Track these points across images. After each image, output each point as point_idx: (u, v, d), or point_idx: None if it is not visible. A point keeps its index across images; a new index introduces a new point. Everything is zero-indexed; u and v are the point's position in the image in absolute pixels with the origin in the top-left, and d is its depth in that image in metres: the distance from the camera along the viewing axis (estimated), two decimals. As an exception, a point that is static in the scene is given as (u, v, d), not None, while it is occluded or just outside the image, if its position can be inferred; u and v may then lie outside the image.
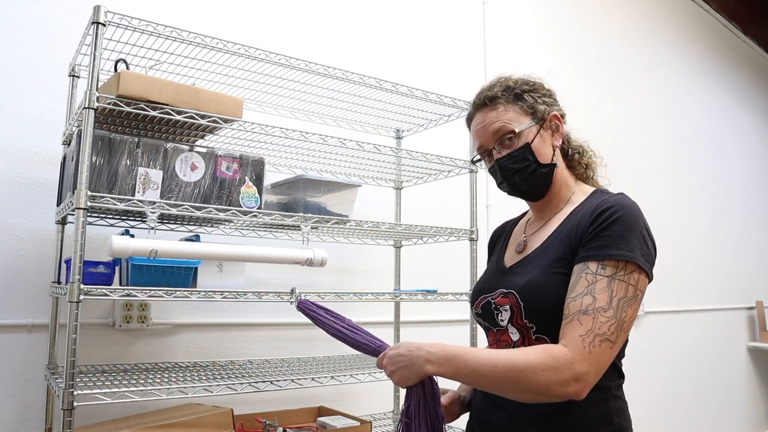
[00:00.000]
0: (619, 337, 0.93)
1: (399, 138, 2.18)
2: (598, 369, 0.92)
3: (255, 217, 1.46)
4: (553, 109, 1.14)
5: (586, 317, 0.92)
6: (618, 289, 0.93)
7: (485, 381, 0.95)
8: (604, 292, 0.93)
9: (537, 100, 1.13)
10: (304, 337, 2.07)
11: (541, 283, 1.04)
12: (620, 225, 0.98)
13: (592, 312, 0.92)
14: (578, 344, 0.91)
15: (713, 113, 4.49)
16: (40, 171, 1.63)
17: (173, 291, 1.32)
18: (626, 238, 0.96)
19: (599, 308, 0.92)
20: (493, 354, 0.95)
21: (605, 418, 1.03)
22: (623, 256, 0.95)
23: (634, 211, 1.00)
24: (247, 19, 2.07)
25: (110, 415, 1.60)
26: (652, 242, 1.01)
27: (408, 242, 2.19)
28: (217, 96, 1.41)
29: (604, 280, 0.94)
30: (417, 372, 0.99)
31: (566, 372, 0.90)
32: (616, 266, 0.95)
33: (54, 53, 1.68)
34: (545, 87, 1.18)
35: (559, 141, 1.14)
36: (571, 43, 3.34)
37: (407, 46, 2.53)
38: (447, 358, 0.98)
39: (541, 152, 1.11)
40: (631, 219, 0.99)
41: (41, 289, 1.60)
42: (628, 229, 0.97)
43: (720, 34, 4.73)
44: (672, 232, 3.88)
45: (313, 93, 1.77)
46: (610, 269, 0.95)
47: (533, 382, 0.91)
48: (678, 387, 3.73)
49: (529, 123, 1.11)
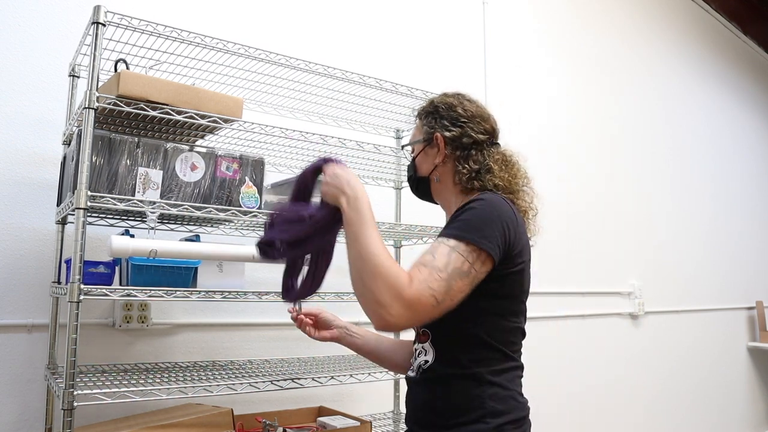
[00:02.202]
0: (443, 302, 1.01)
1: (399, 138, 2.18)
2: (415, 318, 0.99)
3: (255, 217, 1.46)
4: (438, 131, 1.25)
5: (425, 269, 1.01)
6: (455, 260, 1.02)
7: (354, 250, 1.04)
8: (444, 256, 1.03)
9: (429, 122, 1.28)
10: (304, 337, 2.05)
11: None
12: (471, 211, 1.09)
13: (430, 267, 1.01)
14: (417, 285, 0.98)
15: (713, 113, 4.49)
16: (40, 171, 1.63)
17: (173, 291, 1.32)
18: (472, 223, 1.06)
19: (435, 267, 1.01)
20: (379, 240, 1.03)
21: (477, 401, 1.09)
22: (464, 237, 1.04)
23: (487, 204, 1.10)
24: (247, 19, 2.07)
25: (110, 415, 1.60)
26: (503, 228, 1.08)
27: (408, 242, 2.19)
28: (217, 96, 1.41)
29: (446, 247, 1.04)
30: (333, 194, 1.11)
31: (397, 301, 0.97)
32: (458, 243, 1.04)
33: (54, 53, 1.68)
34: (449, 109, 1.26)
35: (440, 159, 1.25)
36: (571, 43, 3.34)
37: (407, 46, 2.53)
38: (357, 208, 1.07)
39: (420, 166, 1.29)
40: (481, 208, 1.09)
41: (41, 289, 1.60)
42: (475, 213, 1.08)
43: (720, 34, 4.73)
44: (672, 232, 3.89)
45: (313, 93, 1.77)
46: (453, 242, 1.04)
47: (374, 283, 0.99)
48: (678, 387, 3.73)
49: (418, 140, 1.30)
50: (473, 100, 1.30)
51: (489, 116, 1.27)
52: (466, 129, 1.24)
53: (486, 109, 1.29)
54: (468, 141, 1.23)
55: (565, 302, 3.05)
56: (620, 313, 3.38)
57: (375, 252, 1.01)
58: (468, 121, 1.24)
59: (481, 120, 1.25)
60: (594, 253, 3.28)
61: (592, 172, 3.34)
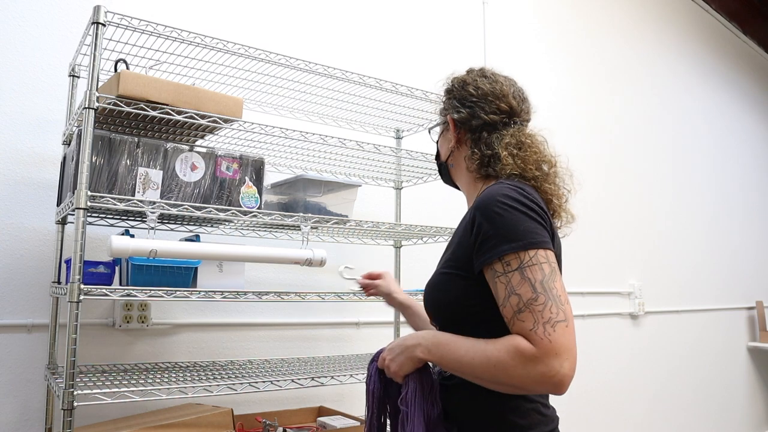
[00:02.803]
0: (566, 313, 0.91)
1: (399, 138, 2.18)
2: (569, 354, 0.88)
3: (255, 217, 1.46)
4: (450, 113, 1.18)
5: (524, 314, 0.91)
6: (534, 275, 0.92)
7: (466, 371, 0.96)
8: (522, 284, 0.92)
9: (444, 103, 1.22)
10: (304, 337, 2.07)
11: (433, 283, 1.10)
12: (497, 219, 0.97)
13: (525, 307, 0.91)
14: (535, 338, 0.88)
15: (713, 113, 4.49)
16: (40, 171, 1.63)
17: (173, 291, 1.32)
18: (509, 228, 0.96)
19: (529, 300, 0.91)
20: (472, 344, 0.95)
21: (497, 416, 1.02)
22: (516, 247, 0.94)
23: (500, 200, 0.99)
24: (247, 19, 2.07)
25: (110, 415, 1.60)
26: (536, 216, 0.99)
27: (408, 242, 2.19)
28: (217, 96, 1.41)
29: (516, 274, 0.93)
30: (409, 356, 1.03)
31: (537, 367, 0.87)
32: (518, 257, 0.94)
33: (54, 53, 1.68)
34: (461, 89, 1.18)
35: (453, 143, 1.19)
36: (571, 43, 3.34)
37: (407, 46, 2.53)
38: (435, 344, 1.00)
39: (441, 151, 1.24)
40: (501, 209, 0.97)
41: (41, 289, 1.60)
42: (505, 219, 0.97)
43: (720, 34, 4.73)
44: (672, 232, 3.88)
45: (313, 93, 1.77)
46: (515, 262, 0.94)
47: (507, 377, 0.90)
48: (678, 387, 3.73)
49: (438, 122, 1.25)
50: (492, 75, 1.18)
51: (506, 94, 1.15)
52: (475, 110, 1.14)
53: (507, 85, 1.17)
54: (477, 123, 1.14)
55: (565, 302, 3.04)
56: (620, 313, 3.38)
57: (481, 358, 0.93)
58: (479, 100, 1.14)
59: (494, 98, 1.14)
60: (594, 253, 3.28)
61: (592, 171, 3.34)
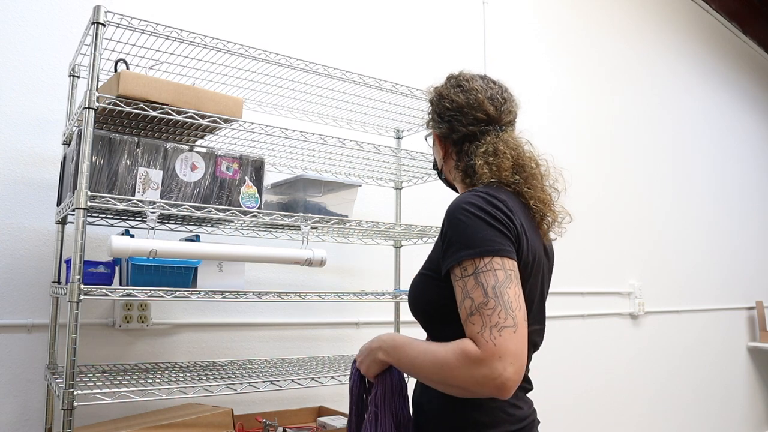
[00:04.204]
0: (516, 319, 0.90)
1: (399, 138, 2.18)
2: (513, 359, 0.88)
3: (255, 217, 1.46)
4: (434, 128, 1.20)
5: (474, 317, 0.92)
6: (487, 280, 0.93)
7: (419, 373, 0.98)
8: (476, 289, 0.94)
9: (430, 115, 1.22)
10: (304, 337, 2.07)
11: (414, 283, 1.13)
12: (459, 225, 0.99)
13: (476, 310, 0.92)
14: (481, 340, 0.90)
15: (713, 113, 4.49)
16: (40, 171, 1.63)
17: (173, 291, 1.32)
18: (468, 235, 0.97)
19: (480, 304, 0.92)
20: (425, 346, 0.97)
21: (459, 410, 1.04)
22: (472, 254, 0.96)
23: (463, 208, 1.00)
24: (247, 19, 2.07)
25: (110, 415, 1.60)
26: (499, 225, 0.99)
27: (408, 242, 2.19)
28: (217, 96, 1.41)
29: (471, 279, 0.95)
30: (373, 359, 1.08)
31: (480, 369, 0.88)
32: (474, 263, 0.95)
33: (54, 53, 1.68)
34: (438, 103, 1.19)
35: (440, 155, 1.21)
36: (571, 43, 3.34)
37: (407, 46, 2.53)
38: (394, 346, 1.03)
39: (436, 159, 1.25)
40: (464, 216, 0.99)
41: (41, 289, 1.60)
42: (466, 226, 0.98)
43: (720, 34, 4.73)
44: (672, 231, 3.88)
45: (313, 93, 1.77)
46: (471, 267, 0.96)
47: (453, 378, 0.91)
48: (678, 387, 3.73)
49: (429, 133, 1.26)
50: (467, 82, 1.16)
51: (481, 102, 1.13)
52: (453, 123, 1.15)
53: (482, 91, 1.15)
54: (457, 136, 1.15)
55: (565, 302, 3.05)
56: (620, 313, 3.38)
57: (431, 359, 0.94)
58: (456, 114, 1.14)
59: (470, 109, 1.13)
60: (594, 253, 3.28)
61: (591, 171, 3.34)
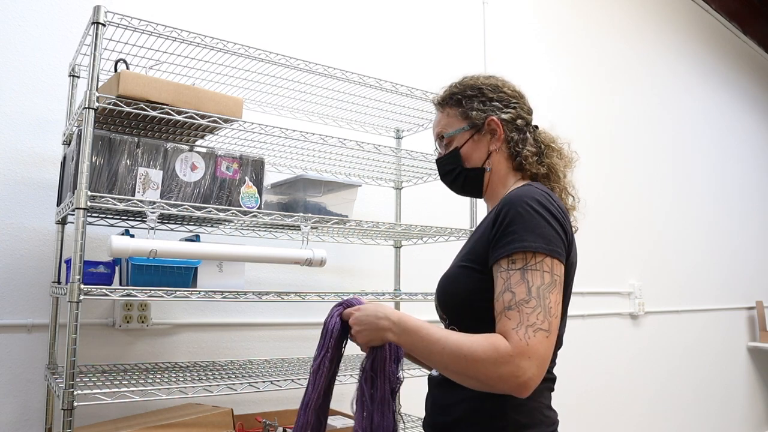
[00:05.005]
0: (551, 325, 0.91)
1: (399, 138, 2.18)
2: (540, 362, 0.89)
3: (255, 217, 1.46)
4: (491, 114, 1.14)
5: (512, 312, 0.92)
6: (533, 279, 0.93)
7: (435, 359, 0.96)
8: (520, 284, 0.93)
9: (475, 106, 1.15)
10: (304, 337, 2.07)
11: (449, 275, 1.10)
12: (518, 218, 0.98)
13: (515, 306, 0.92)
14: (514, 337, 0.90)
15: (713, 113, 4.50)
16: (40, 171, 1.63)
17: (173, 291, 1.32)
18: (527, 229, 0.96)
19: (521, 300, 0.92)
20: (445, 335, 0.96)
21: (498, 411, 1.02)
22: (527, 247, 0.95)
23: (527, 202, 0.99)
24: (247, 19, 2.07)
25: (110, 415, 1.60)
26: (557, 227, 0.99)
27: (408, 242, 2.19)
28: (217, 96, 1.41)
29: (517, 273, 0.94)
30: (378, 336, 1.03)
31: (506, 366, 0.88)
32: (525, 258, 0.95)
33: (54, 53, 1.68)
34: (496, 90, 1.16)
35: (496, 145, 1.15)
36: (571, 43, 3.34)
37: (407, 46, 2.53)
38: (406, 330, 1.00)
39: (470, 157, 1.16)
40: (525, 210, 0.98)
41: (41, 289, 1.60)
42: (525, 220, 0.97)
43: (720, 34, 4.73)
44: (672, 231, 3.88)
45: (313, 93, 1.77)
46: (520, 262, 0.95)
47: (474, 371, 0.91)
48: (678, 387, 3.73)
49: (462, 128, 1.16)
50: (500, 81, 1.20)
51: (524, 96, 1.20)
52: (518, 110, 1.16)
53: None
54: (522, 122, 1.15)
55: (565, 302, 3.05)
56: (620, 313, 3.38)
57: (453, 348, 0.93)
58: (518, 101, 1.16)
59: (525, 99, 1.19)
60: (594, 253, 3.28)
61: (591, 172, 3.34)
